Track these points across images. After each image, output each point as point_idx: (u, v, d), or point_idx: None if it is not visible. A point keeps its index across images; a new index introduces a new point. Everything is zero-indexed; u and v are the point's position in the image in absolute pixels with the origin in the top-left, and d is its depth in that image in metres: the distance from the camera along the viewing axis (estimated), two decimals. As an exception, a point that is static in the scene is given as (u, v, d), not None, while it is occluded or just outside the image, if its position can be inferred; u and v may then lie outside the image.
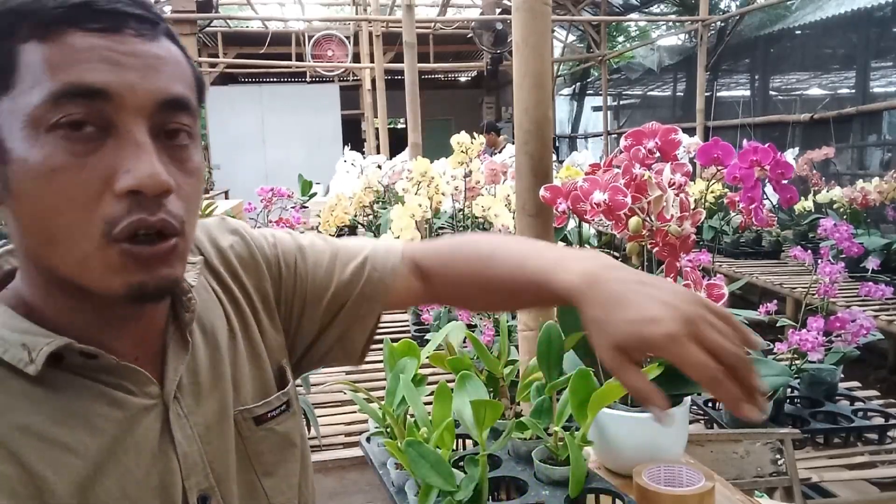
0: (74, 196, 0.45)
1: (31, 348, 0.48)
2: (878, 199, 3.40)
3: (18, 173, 0.45)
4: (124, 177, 0.45)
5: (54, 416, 0.49)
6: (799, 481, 1.41)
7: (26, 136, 0.44)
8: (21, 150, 0.45)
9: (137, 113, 0.46)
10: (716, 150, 1.09)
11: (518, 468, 1.02)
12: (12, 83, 0.45)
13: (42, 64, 0.44)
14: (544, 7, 1.18)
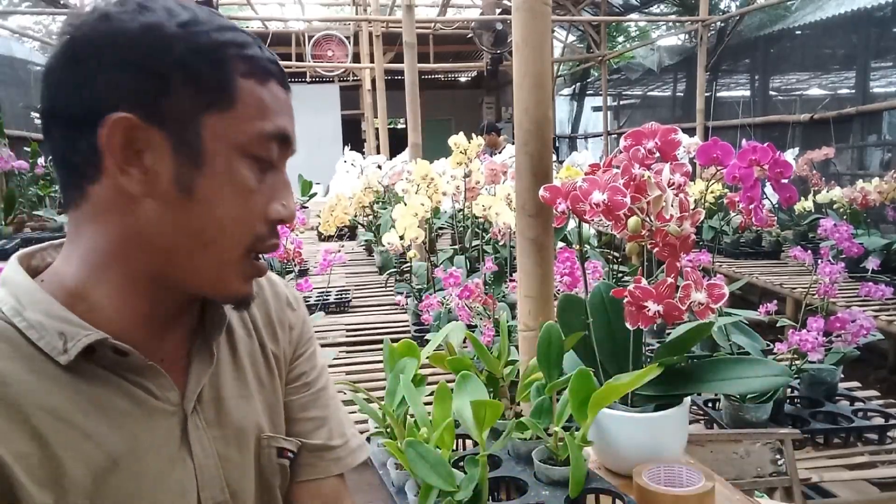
0: (250, 213, 0.55)
1: (68, 338, 0.51)
2: (878, 200, 3.40)
3: (213, 182, 0.53)
4: (280, 208, 0.56)
5: (79, 405, 0.51)
6: (799, 481, 1.41)
7: (231, 155, 0.53)
8: (223, 165, 0.53)
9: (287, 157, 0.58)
10: (715, 149, 1.09)
11: (518, 468, 1.02)
12: (231, 107, 0.53)
13: (258, 104, 0.54)
14: (544, 7, 1.18)
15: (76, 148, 0.52)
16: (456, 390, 0.96)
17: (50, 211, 3.69)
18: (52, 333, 0.51)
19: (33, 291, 0.53)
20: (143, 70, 0.50)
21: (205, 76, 0.52)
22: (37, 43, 6.57)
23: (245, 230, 0.55)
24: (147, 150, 0.51)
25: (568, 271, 1.51)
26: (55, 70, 0.52)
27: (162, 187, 0.52)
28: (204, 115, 0.52)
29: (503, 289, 2.37)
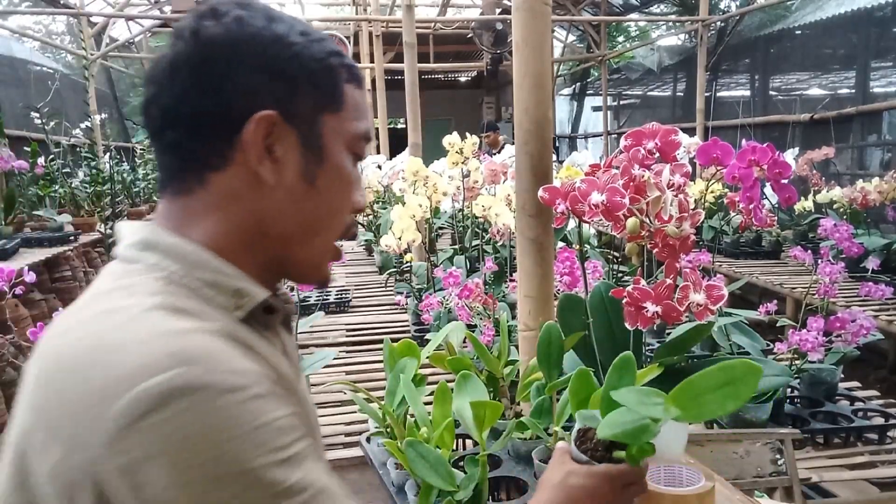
0: (347, 202, 0.62)
1: (244, 295, 0.56)
2: (878, 199, 3.39)
3: (330, 175, 0.60)
4: (360, 199, 0.64)
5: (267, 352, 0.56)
6: (799, 481, 1.41)
7: (342, 151, 0.61)
8: (339, 159, 0.61)
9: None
10: (715, 149, 1.09)
11: (518, 468, 1.02)
12: (341, 109, 0.60)
13: (357, 107, 0.62)
14: (544, 7, 1.18)
15: (206, 139, 0.56)
16: (456, 390, 0.96)
17: (50, 211, 3.69)
18: (228, 291, 0.55)
19: (197, 252, 0.56)
20: (277, 73, 0.57)
21: (322, 81, 0.59)
22: (37, 43, 6.57)
23: (344, 218, 0.63)
24: (278, 144, 0.57)
25: (568, 271, 1.51)
26: (186, 66, 0.56)
27: (289, 179, 0.58)
28: (323, 115, 0.59)
29: (503, 289, 2.37)
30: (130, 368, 0.45)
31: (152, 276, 0.54)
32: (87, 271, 3.75)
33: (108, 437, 0.43)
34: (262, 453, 0.46)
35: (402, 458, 0.88)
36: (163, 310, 0.50)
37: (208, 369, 0.46)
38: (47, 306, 3.14)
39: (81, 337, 0.49)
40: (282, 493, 0.46)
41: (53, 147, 4.08)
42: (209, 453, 0.44)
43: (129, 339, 0.47)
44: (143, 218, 4.93)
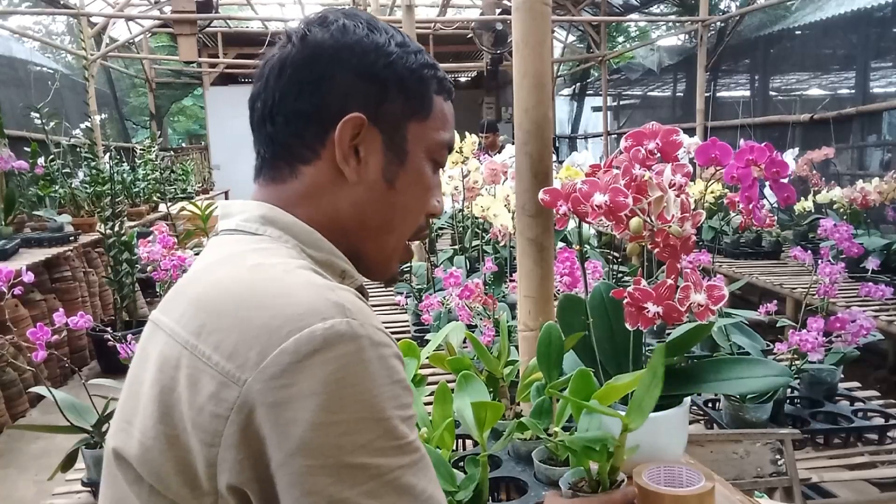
0: (421, 205, 0.67)
1: (347, 276, 0.62)
2: (878, 200, 3.39)
3: (409, 177, 0.64)
4: (437, 206, 0.68)
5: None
6: (799, 481, 1.41)
7: (422, 157, 0.65)
8: (417, 165, 0.65)
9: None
10: (714, 149, 1.09)
11: (518, 468, 1.02)
12: (427, 117, 0.65)
13: (442, 117, 0.66)
14: (544, 7, 1.18)
15: (300, 134, 0.61)
16: (456, 390, 0.96)
17: (50, 211, 3.69)
18: (335, 271, 0.61)
19: (312, 233, 0.61)
20: (372, 79, 0.62)
21: (412, 89, 0.63)
22: (37, 43, 6.57)
23: (417, 220, 0.67)
24: (364, 144, 0.62)
25: (568, 271, 1.51)
26: (291, 66, 0.61)
27: (371, 177, 0.62)
28: (409, 122, 0.64)
29: (503, 289, 2.37)
30: (300, 311, 0.49)
31: (283, 245, 0.59)
32: (87, 271, 3.75)
33: (273, 371, 0.47)
34: (396, 406, 0.50)
35: (402, 459, 0.87)
36: (309, 270, 0.56)
37: (363, 322, 0.50)
38: (47, 306, 3.14)
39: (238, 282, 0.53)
40: (404, 446, 0.50)
41: (53, 147, 4.08)
42: (357, 397, 0.48)
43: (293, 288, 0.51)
44: (143, 218, 4.93)
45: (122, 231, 3.38)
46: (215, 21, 7.92)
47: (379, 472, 0.48)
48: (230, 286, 0.53)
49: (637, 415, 0.80)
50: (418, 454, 0.51)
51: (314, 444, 0.46)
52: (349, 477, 0.47)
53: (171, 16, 6.03)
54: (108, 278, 3.51)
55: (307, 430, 0.46)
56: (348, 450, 0.47)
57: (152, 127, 9.30)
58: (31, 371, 1.71)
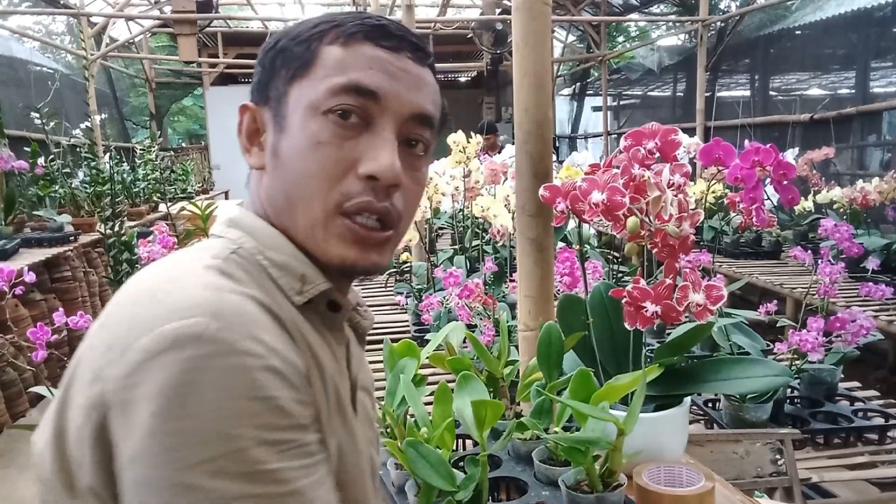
0: (326, 168, 0.55)
1: (307, 280, 0.56)
2: (878, 200, 3.39)
3: (289, 141, 0.56)
4: (369, 162, 0.55)
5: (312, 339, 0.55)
6: (799, 481, 1.41)
7: (306, 114, 0.56)
8: (298, 124, 0.56)
9: (394, 117, 0.57)
10: (717, 150, 1.09)
11: (518, 468, 1.02)
12: (309, 73, 0.57)
13: (335, 63, 0.56)
14: (544, 7, 1.18)
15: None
16: (456, 390, 0.96)
17: (50, 211, 3.69)
18: (294, 274, 0.56)
19: (275, 235, 0.58)
20: (262, 64, 0.60)
21: (293, 55, 0.58)
22: (37, 43, 6.57)
23: (325, 186, 0.55)
24: (263, 131, 0.60)
25: (568, 271, 1.51)
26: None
27: (267, 158, 0.59)
28: (290, 86, 0.57)
29: (503, 289, 2.37)
30: (163, 311, 0.46)
31: (226, 246, 0.56)
32: (87, 271, 3.75)
33: (125, 369, 0.44)
34: (255, 426, 0.44)
35: (402, 458, 0.88)
36: (216, 270, 0.52)
37: (228, 327, 0.45)
38: (47, 306, 3.14)
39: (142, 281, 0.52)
40: (258, 474, 0.43)
41: (53, 147, 4.08)
42: (201, 407, 0.42)
43: (175, 287, 0.48)
44: (143, 218, 4.93)
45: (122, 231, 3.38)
46: (215, 21, 7.92)
47: (216, 496, 0.42)
48: (135, 284, 0.51)
49: (629, 418, 0.81)
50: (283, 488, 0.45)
51: (148, 453, 0.42)
52: (181, 496, 0.42)
53: (171, 16, 6.02)
54: (108, 278, 3.51)
55: (143, 436, 0.42)
56: (183, 465, 0.42)
57: (152, 127, 9.29)
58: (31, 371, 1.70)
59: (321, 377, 0.54)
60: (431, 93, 0.61)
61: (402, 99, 0.57)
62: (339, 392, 0.57)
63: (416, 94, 0.58)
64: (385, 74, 0.56)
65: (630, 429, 0.80)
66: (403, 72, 0.58)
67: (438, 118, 0.63)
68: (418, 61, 0.59)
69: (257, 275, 0.54)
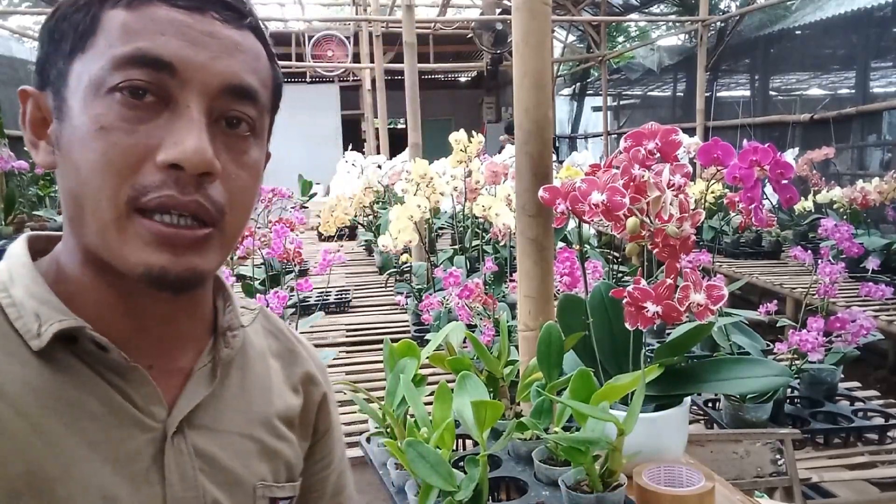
0: (113, 159, 0.44)
1: (43, 321, 0.46)
2: (878, 200, 3.40)
3: (69, 129, 0.46)
4: (169, 148, 0.45)
5: (40, 397, 0.45)
6: (799, 481, 1.41)
7: (87, 95, 0.45)
8: (77, 106, 0.45)
9: (200, 92, 0.46)
10: (716, 150, 1.09)
11: (518, 468, 1.02)
12: (90, 44, 0.46)
13: (119, 29, 0.45)
14: (544, 7, 1.18)
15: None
16: (456, 390, 0.96)
17: (50, 211, 3.69)
18: (30, 314, 0.46)
19: (23, 267, 0.49)
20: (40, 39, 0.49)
21: (73, 22, 0.47)
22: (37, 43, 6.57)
23: (115, 182, 0.44)
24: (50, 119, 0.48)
25: (568, 271, 1.51)
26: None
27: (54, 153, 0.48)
28: (71, 63, 0.46)
29: (503, 289, 2.37)
30: None
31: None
32: (87, 271, 3.75)
33: None
34: None
35: (402, 459, 0.88)
36: None
37: None
38: (47, 306, 3.14)
39: None
40: None
41: (53, 147, 4.08)
42: None
43: None
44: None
45: (122, 231, 3.38)
46: (215, 21, 7.89)
47: None
48: None
49: (629, 418, 0.81)
50: None
51: None
52: None
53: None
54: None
55: None
56: None
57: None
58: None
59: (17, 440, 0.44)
60: (251, 60, 0.50)
61: (207, 69, 0.46)
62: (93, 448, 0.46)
63: (228, 62, 0.47)
64: (183, 40, 0.46)
65: (630, 429, 0.80)
66: (208, 36, 0.47)
67: (268, 92, 0.52)
68: (230, 22, 0.48)
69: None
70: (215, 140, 0.47)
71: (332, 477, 0.67)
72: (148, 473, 0.48)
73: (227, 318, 0.56)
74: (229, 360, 0.56)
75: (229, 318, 0.57)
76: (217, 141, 0.47)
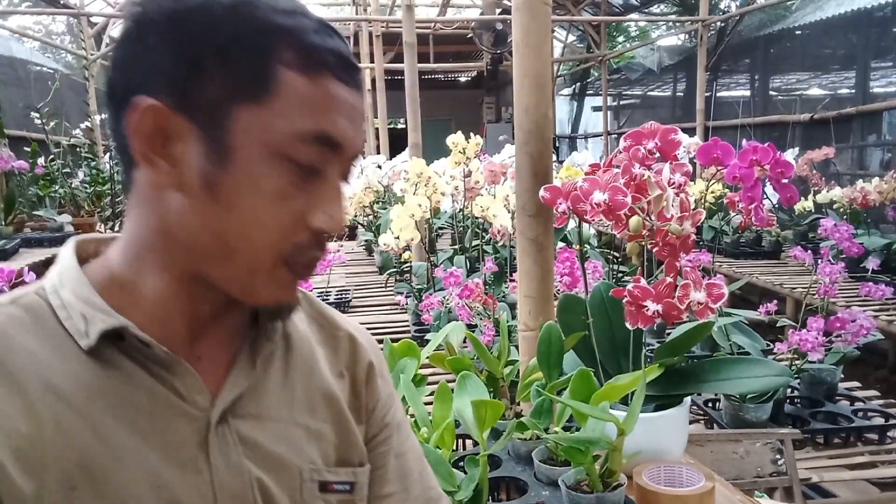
0: (281, 221, 0.49)
1: (89, 321, 0.49)
2: (878, 199, 3.40)
3: (239, 181, 0.48)
4: (322, 216, 0.50)
5: (91, 393, 0.48)
6: (799, 481, 1.41)
7: (264, 153, 0.48)
8: (252, 164, 0.48)
9: (344, 162, 0.52)
10: (715, 149, 1.09)
11: (518, 468, 1.02)
12: (266, 99, 0.47)
13: (301, 100, 0.48)
14: (544, 7, 1.18)
15: (119, 131, 0.50)
16: (456, 390, 0.96)
17: (50, 211, 3.69)
18: (78, 315, 0.49)
19: (71, 270, 0.52)
20: (180, 54, 0.47)
21: (242, 63, 0.47)
22: (37, 43, 6.58)
23: (277, 239, 0.49)
24: (176, 139, 0.48)
25: (568, 271, 1.51)
26: (115, 47, 0.51)
27: (188, 181, 0.48)
28: (235, 106, 0.47)
29: (503, 289, 2.37)
30: None
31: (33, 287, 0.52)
32: (87, 271, 3.75)
33: None
34: None
35: (402, 458, 0.87)
36: None
37: None
38: (47, 306, 3.13)
39: None
40: None
41: (53, 147, 4.08)
42: None
43: None
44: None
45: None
46: (215, 21, 7.90)
47: None
48: None
49: (629, 418, 0.81)
50: None
51: None
52: None
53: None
54: (108, 278, 3.51)
55: None
56: None
57: (152, 127, 9.28)
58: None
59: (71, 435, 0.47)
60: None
61: (355, 144, 0.51)
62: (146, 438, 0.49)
63: (362, 135, 0.53)
64: (347, 120, 0.50)
65: (630, 429, 0.80)
66: (358, 112, 0.51)
67: None
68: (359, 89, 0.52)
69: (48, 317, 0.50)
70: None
71: (390, 456, 0.66)
72: (195, 460, 0.51)
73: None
74: (271, 350, 0.58)
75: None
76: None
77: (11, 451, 0.44)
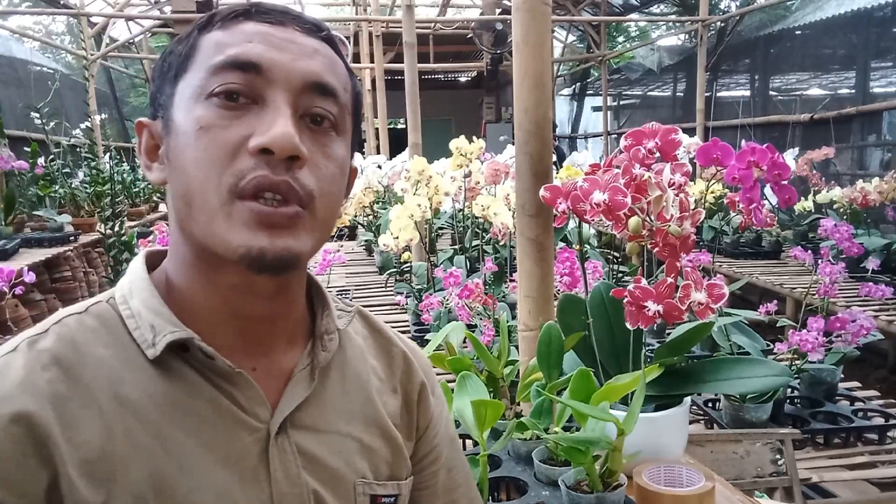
0: (213, 152, 0.49)
1: (157, 332, 0.51)
2: (878, 200, 3.40)
3: (175, 139, 0.51)
4: (258, 135, 0.49)
5: (159, 403, 0.49)
6: (799, 481, 1.41)
7: (188, 104, 0.51)
8: (181, 116, 0.51)
9: (285, 89, 0.51)
10: (715, 150, 1.09)
11: (518, 468, 1.02)
12: (190, 64, 0.52)
13: (214, 45, 0.52)
14: (544, 7, 1.18)
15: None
16: (456, 390, 0.96)
17: (50, 211, 3.69)
18: (146, 325, 0.51)
19: (141, 280, 0.54)
20: (152, 78, 0.56)
21: (177, 52, 0.54)
22: (37, 43, 6.57)
23: (217, 172, 0.49)
24: (159, 141, 0.54)
25: (568, 271, 1.51)
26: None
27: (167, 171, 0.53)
28: (176, 85, 0.53)
29: (503, 289, 2.37)
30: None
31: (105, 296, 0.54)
32: (87, 271, 3.75)
33: None
34: None
35: (402, 459, 0.87)
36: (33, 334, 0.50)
37: None
38: (47, 306, 3.14)
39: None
40: None
41: (53, 147, 4.08)
42: None
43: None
44: (143, 218, 4.93)
45: (123, 231, 3.38)
46: (215, 21, 7.90)
47: None
48: None
49: (629, 418, 0.81)
50: None
51: None
52: None
53: (171, 16, 6.02)
54: (108, 278, 3.51)
55: None
56: None
57: (152, 127, 9.28)
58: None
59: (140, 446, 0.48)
60: (329, 63, 0.55)
61: (290, 68, 0.51)
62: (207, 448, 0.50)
63: (308, 62, 0.53)
64: (267, 45, 0.51)
65: (630, 429, 0.80)
66: (289, 42, 0.53)
67: (349, 95, 0.57)
68: (308, 33, 0.54)
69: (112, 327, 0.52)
70: (301, 133, 0.51)
71: (441, 473, 0.67)
72: (256, 471, 0.52)
73: (324, 322, 0.60)
74: (327, 363, 0.59)
75: (326, 322, 0.60)
76: (303, 134, 0.52)
77: (81, 463, 0.45)
